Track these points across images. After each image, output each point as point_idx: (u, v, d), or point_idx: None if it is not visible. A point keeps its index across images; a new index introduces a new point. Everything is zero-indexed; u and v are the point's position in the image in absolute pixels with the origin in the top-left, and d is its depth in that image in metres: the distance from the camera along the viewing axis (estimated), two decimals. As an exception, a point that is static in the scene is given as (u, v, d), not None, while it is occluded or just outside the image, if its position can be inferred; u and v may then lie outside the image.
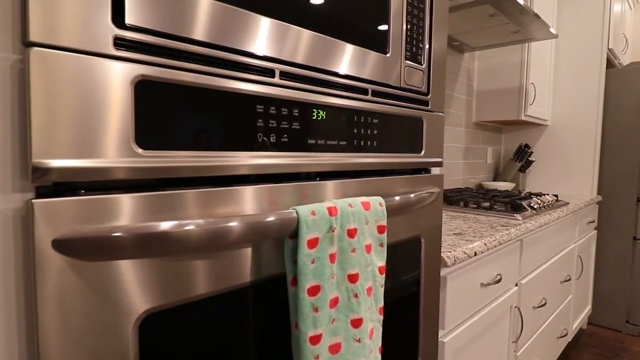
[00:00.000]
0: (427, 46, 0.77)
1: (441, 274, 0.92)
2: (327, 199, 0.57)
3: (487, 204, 1.52)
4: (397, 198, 0.63)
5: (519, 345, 1.35)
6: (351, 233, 0.52)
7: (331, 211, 0.50)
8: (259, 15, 0.48)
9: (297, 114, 0.53)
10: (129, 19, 0.38)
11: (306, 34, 0.54)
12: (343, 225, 0.51)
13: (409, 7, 0.71)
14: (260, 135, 0.49)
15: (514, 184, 2.34)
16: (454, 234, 1.12)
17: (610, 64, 2.50)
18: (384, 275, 0.58)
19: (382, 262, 0.58)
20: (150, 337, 0.41)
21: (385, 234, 0.58)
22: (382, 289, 0.58)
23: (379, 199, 0.59)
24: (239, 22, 0.46)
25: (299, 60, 0.53)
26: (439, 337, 0.94)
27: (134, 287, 0.39)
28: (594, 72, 2.25)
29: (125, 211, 0.38)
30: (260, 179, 0.52)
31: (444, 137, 0.84)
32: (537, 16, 1.60)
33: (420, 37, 0.75)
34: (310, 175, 0.60)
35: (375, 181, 0.67)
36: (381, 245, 0.58)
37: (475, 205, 1.54)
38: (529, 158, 2.40)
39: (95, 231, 0.36)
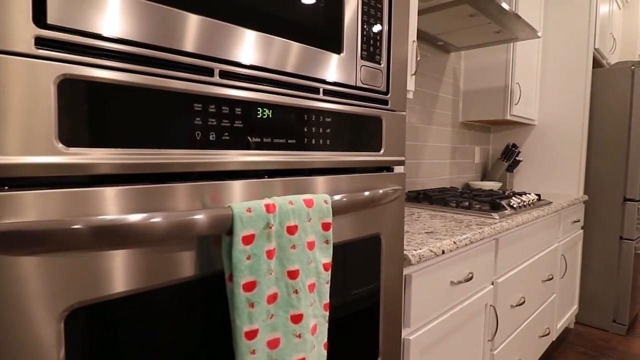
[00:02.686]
0: (385, 46, 0.77)
1: (406, 272, 0.93)
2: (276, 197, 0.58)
3: (466, 203, 1.53)
4: (345, 196, 0.64)
5: (496, 344, 1.36)
6: (291, 230, 0.53)
7: (269, 208, 0.51)
8: (197, 16, 0.49)
9: (239, 113, 0.54)
10: (51, 19, 0.39)
11: (249, 34, 0.55)
12: (282, 222, 0.52)
13: (365, 7, 0.72)
14: (198, 134, 0.50)
15: (501, 184, 2.35)
16: (425, 232, 1.13)
17: (598, 64, 2.51)
18: (329, 271, 0.59)
19: (327, 259, 0.58)
20: (78, 331, 0.42)
21: (331, 231, 0.59)
22: (327, 286, 0.58)
23: (325, 196, 0.59)
24: (176, 22, 0.47)
25: (241, 59, 0.54)
26: (405, 335, 0.94)
27: (61, 281, 0.40)
28: (580, 72, 2.25)
29: (49, 207, 0.39)
30: (204, 176, 0.53)
31: (405, 135, 0.85)
32: (517, 16, 1.60)
33: (378, 37, 0.75)
34: (258, 174, 0.60)
35: (330, 179, 0.68)
36: (326, 242, 0.58)
37: (455, 205, 1.55)
38: (516, 158, 2.41)
39: (14, 226, 0.37)
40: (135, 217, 0.42)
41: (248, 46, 0.55)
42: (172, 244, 0.48)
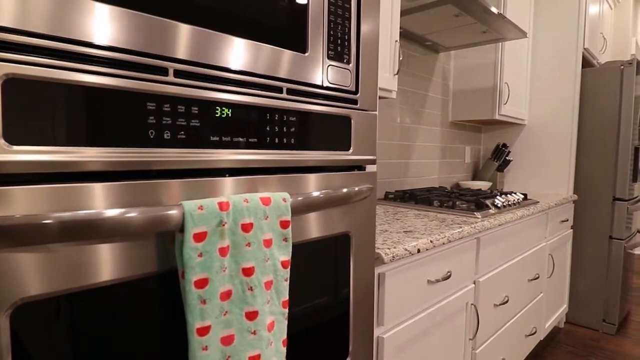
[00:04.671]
0: (354, 46, 0.78)
1: (380, 270, 0.93)
2: (231, 195, 0.58)
3: (450, 203, 1.53)
4: (307, 194, 0.65)
5: (478, 343, 1.36)
6: (246, 227, 0.54)
7: (222, 206, 0.51)
8: (153, 16, 0.50)
9: (195, 112, 0.55)
10: (-7, 20, 0.39)
11: (206, 33, 0.55)
12: (236, 220, 0.53)
13: (332, 7, 0.73)
14: (151, 132, 0.51)
15: (491, 183, 2.35)
16: (404, 231, 1.13)
17: (588, 64, 2.51)
18: (288, 269, 0.59)
19: (286, 257, 0.59)
20: (26, 327, 0.42)
21: (290, 229, 0.59)
22: (285, 283, 0.59)
23: (284, 194, 0.60)
24: (129, 22, 0.48)
25: (196, 58, 0.54)
26: (379, 333, 0.95)
27: (6, 275, 0.41)
28: (570, 72, 2.26)
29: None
30: (162, 175, 0.54)
31: (376, 135, 0.85)
32: (501, 16, 1.61)
33: (346, 37, 0.76)
34: (220, 172, 0.61)
35: (295, 177, 0.69)
36: (285, 240, 0.59)
37: (439, 204, 1.55)
38: (507, 157, 2.41)
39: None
40: (82, 214, 0.42)
41: (205, 46, 0.55)
42: (127, 240, 0.49)
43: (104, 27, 0.46)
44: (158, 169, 0.52)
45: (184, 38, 0.53)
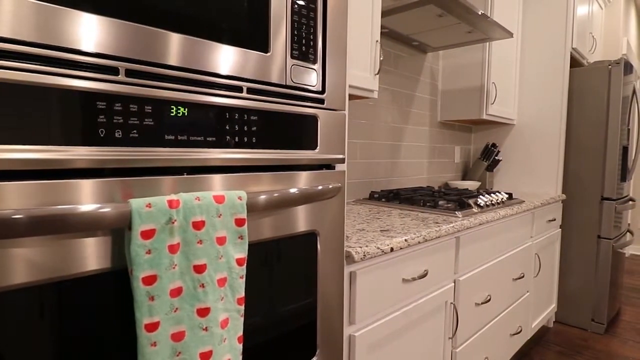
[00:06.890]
0: (320, 46, 0.78)
1: (351, 269, 0.94)
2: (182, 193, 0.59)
3: (432, 202, 1.54)
4: (265, 192, 0.65)
5: (458, 342, 1.37)
6: (197, 225, 0.54)
7: (172, 204, 0.52)
8: (102, 17, 0.50)
9: (149, 111, 0.55)
10: None
11: (163, 34, 0.56)
12: (187, 217, 0.53)
13: (296, 6, 0.73)
14: (102, 131, 0.51)
15: (480, 183, 2.36)
16: (380, 230, 1.13)
17: (578, 64, 2.52)
18: (243, 266, 0.60)
19: (241, 254, 0.60)
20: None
21: (245, 226, 0.60)
22: (241, 280, 0.60)
23: (240, 192, 0.60)
24: (83, 23, 0.48)
25: (149, 58, 0.55)
26: (351, 332, 0.95)
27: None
28: (558, 72, 2.26)
29: None
30: (116, 173, 0.54)
31: (345, 134, 0.86)
32: (485, 16, 1.61)
33: (311, 37, 0.76)
34: (179, 171, 0.61)
35: (258, 176, 0.69)
36: (240, 237, 0.59)
37: (422, 204, 1.56)
38: (496, 157, 2.41)
39: None
40: (22, 211, 0.43)
41: (160, 46, 0.56)
42: (76, 237, 0.49)
43: (58, 28, 0.47)
44: (111, 167, 0.52)
45: (138, 38, 0.54)
